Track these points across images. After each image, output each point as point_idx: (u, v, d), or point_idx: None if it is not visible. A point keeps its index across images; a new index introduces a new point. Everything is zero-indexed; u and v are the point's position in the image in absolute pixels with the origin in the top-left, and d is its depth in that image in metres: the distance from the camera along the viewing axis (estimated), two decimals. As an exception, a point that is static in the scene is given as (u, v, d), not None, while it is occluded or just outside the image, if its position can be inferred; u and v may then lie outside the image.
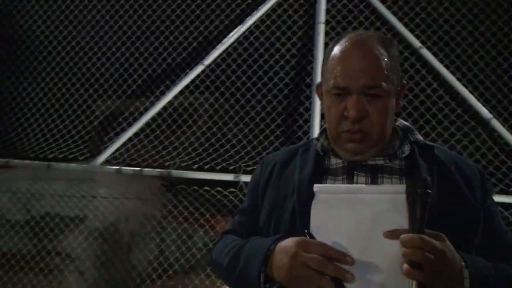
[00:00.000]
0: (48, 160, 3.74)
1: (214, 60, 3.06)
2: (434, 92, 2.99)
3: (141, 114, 3.45)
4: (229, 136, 3.59)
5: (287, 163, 1.18)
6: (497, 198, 2.01)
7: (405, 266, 0.87)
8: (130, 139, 3.18)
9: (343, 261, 0.91)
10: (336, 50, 1.08)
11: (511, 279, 0.99)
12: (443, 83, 2.92)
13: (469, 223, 1.02)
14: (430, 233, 0.90)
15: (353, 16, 3.04)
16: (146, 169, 2.94)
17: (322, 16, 2.88)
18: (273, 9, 3.20)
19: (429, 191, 0.91)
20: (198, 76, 3.18)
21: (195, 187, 3.47)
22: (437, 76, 2.98)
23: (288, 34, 3.19)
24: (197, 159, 3.50)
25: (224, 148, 3.56)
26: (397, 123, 1.18)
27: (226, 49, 3.08)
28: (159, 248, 8.11)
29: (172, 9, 3.65)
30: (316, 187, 1.03)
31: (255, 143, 3.36)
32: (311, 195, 1.02)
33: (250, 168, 3.06)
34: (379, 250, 0.93)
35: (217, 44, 3.10)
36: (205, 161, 3.36)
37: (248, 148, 3.42)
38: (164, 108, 3.31)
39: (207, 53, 3.09)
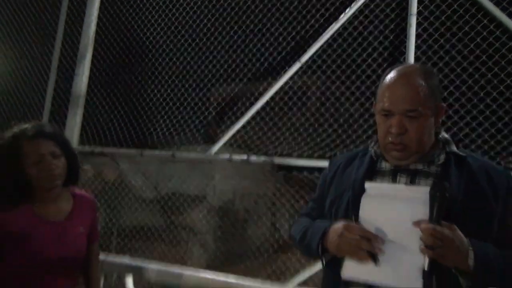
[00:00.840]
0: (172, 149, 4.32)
1: (310, 57, 3.26)
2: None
3: (252, 100, 3.72)
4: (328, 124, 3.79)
5: (349, 164, 1.51)
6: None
7: (422, 246, 1.20)
8: (243, 126, 3.51)
9: (376, 241, 1.26)
10: (387, 79, 1.39)
11: None
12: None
13: (486, 219, 1.27)
14: (445, 224, 1.21)
15: (447, 4, 3.01)
16: (252, 157, 3.31)
17: (414, 8, 2.92)
18: (365, 5, 3.30)
19: (446, 194, 1.20)
20: (295, 72, 3.39)
21: (295, 172, 3.81)
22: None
23: (381, 27, 3.26)
24: (296, 147, 3.81)
25: (322, 137, 3.79)
26: (440, 136, 1.45)
27: (321, 46, 3.26)
28: (272, 224, 8.62)
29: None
30: (367, 184, 1.38)
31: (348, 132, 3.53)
32: (363, 191, 1.37)
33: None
34: (407, 234, 1.25)
35: (313, 42, 3.27)
36: (303, 149, 3.64)
37: (344, 137, 3.62)
38: (276, 93, 3.53)
39: (304, 51, 3.31)
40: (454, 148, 1.41)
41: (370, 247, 1.26)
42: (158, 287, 6.43)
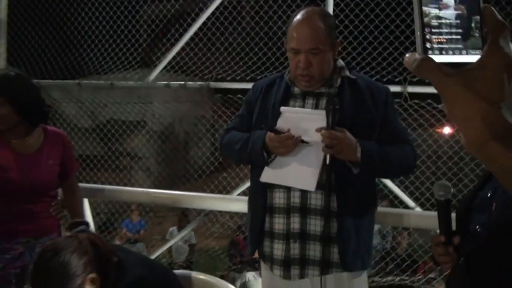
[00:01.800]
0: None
1: None
2: None
3: (186, 21, 3.72)
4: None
5: (269, 88, 1.83)
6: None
7: (323, 146, 1.58)
8: (181, 49, 3.52)
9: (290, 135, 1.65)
10: (293, 22, 1.67)
11: (390, 152, 1.65)
12: None
13: (369, 124, 1.69)
14: (337, 129, 1.59)
15: None
16: (189, 82, 3.43)
17: None
18: None
19: (336, 106, 1.59)
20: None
21: (230, 95, 4.02)
22: None
23: None
24: (230, 71, 3.97)
25: (253, 60, 3.96)
26: (337, 62, 1.78)
27: None
28: (210, 143, 8.91)
29: None
30: (282, 108, 1.73)
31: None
32: (279, 112, 1.73)
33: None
34: (313, 142, 1.63)
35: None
36: (236, 73, 3.82)
37: (273, 59, 3.81)
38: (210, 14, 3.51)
39: None
40: (347, 73, 1.75)
41: (291, 141, 1.65)
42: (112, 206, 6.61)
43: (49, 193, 2.13)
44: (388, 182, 3.10)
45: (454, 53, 0.53)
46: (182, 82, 3.40)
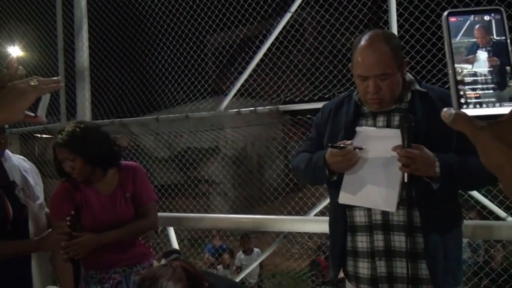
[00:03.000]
0: (185, 104, 4.57)
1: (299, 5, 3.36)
2: None
3: (251, 48, 3.85)
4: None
5: (339, 108, 1.84)
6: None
7: (399, 165, 1.55)
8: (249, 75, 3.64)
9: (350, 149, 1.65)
10: (358, 49, 1.69)
11: (471, 163, 1.54)
12: None
13: (446, 136, 1.60)
14: (414, 146, 1.55)
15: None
16: (259, 108, 3.51)
17: None
18: None
19: (412, 123, 1.55)
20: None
21: (299, 116, 4.06)
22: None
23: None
24: (297, 93, 4.03)
25: (320, 79, 3.98)
26: (405, 77, 1.76)
27: None
28: (284, 164, 8.97)
29: None
30: (358, 128, 1.74)
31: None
32: (353, 130, 1.75)
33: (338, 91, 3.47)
34: (388, 160, 1.63)
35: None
36: (304, 94, 3.86)
37: (340, 76, 3.81)
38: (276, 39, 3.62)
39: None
40: (417, 86, 1.73)
41: (351, 156, 1.65)
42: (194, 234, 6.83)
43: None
44: (474, 192, 2.95)
45: (488, 106, 0.58)
46: (252, 108, 3.49)
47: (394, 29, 2.92)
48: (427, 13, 3.34)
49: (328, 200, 3.16)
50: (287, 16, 3.39)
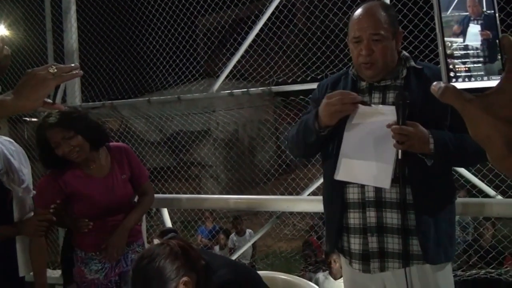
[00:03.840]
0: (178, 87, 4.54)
1: None
2: None
3: (242, 29, 3.82)
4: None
5: (336, 85, 1.84)
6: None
7: (394, 142, 1.56)
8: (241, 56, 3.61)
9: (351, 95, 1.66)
10: (354, 14, 1.71)
11: (465, 139, 1.55)
12: None
13: (440, 113, 1.62)
14: (409, 123, 1.55)
15: None
16: (251, 89, 3.49)
17: None
18: None
19: (407, 101, 1.55)
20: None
21: (292, 97, 4.06)
22: None
23: None
24: (290, 73, 4.02)
25: (312, 60, 3.96)
26: (401, 54, 1.76)
27: None
28: (276, 146, 8.98)
29: None
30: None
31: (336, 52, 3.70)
32: None
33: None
34: (383, 137, 1.62)
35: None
36: (296, 74, 3.86)
37: (332, 57, 3.80)
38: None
39: None
40: (412, 63, 1.73)
41: (350, 99, 1.65)
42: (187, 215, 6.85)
43: (131, 203, 2.35)
44: (464, 171, 2.98)
45: (476, 80, 0.59)
46: (245, 90, 3.48)
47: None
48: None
49: (320, 181, 3.20)
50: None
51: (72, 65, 1.21)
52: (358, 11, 1.70)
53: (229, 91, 3.61)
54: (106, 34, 5.08)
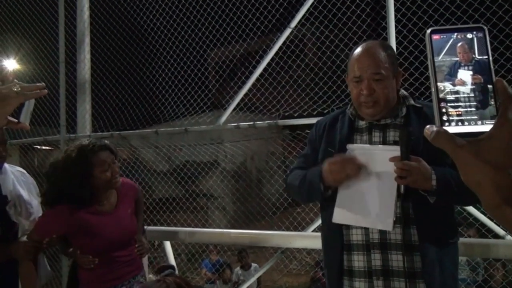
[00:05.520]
0: (185, 118, 4.58)
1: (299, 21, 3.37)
2: None
3: (251, 63, 3.88)
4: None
5: (333, 125, 1.85)
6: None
7: (396, 177, 1.55)
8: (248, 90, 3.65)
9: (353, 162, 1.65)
10: (354, 53, 1.73)
11: None
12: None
13: (442, 153, 1.50)
14: (412, 158, 1.55)
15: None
16: (258, 122, 3.51)
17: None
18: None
19: (410, 137, 1.55)
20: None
21: (298, 131, 4.07)
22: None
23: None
24: (296, 107, 4.04)
25: (319, 94, 4.00)
26: (400, 93, 1.78)
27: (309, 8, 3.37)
28: (284, 180, 8.94)
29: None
30: (349, 146, 1.72)
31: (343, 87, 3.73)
32: (345, 149, 1.72)
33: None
34: (382, 177, 1.62)
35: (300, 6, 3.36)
36: (303, 108, 3.87)
37: (339, 92, 3.82)
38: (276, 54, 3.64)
39: (292, 16, 3.43)
40: (412, 102, 1.74)
41: (352, 163, 1.65)
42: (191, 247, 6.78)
43: (134, 237, 2.36)
44: (472, 210, 2.93)
45: (469, 124, 0.59)
46: (251, 123, 3.50)
47: (393, 46, 2.94)
48: (425, 30, 3.37)
49: (315, 225, 3.16)
50: (287, 32, 3.42)
51: (38, 84, 1.21)
52: (358, 51, 1.71)
53: (236, 124, 3.63)
54: (117, 65, 5.17)
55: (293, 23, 3.38)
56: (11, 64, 5.53)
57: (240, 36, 4.56)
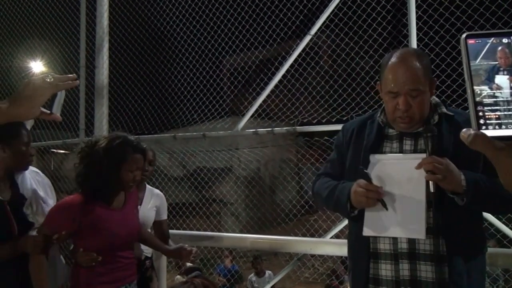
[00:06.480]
0: (203, 123, 4.61)
1: (319, 28, 3.36)
2: None
3: (270, 70, 3.88)
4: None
5: (361, 130, 1.80)
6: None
7: (426, 175, 1.51)
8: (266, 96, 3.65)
9: (378, 190, 1.61)
10: (389, 65, 1.66)
11: (497, 183, 1.46)
12: None
13: (472, 160, 1.55)
14: (437, 157, 1.51)
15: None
16: (276, 129, 3.50)
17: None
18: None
19: (435, 133, 1.55)
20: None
21: (317, 138, 4.06)
22: None
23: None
24: (315, 114, 4.03)
25: (338, 101, 3.99)
26: (432, 100, 1.72)
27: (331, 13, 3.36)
28: (299, 186, 8.90)
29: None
30: (372, 157, 1.69)
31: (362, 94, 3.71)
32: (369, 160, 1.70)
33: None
34: (411, 185, 1.59)
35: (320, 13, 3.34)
36: (321, 115, 3.86)
37: (358, 99, 3.80)
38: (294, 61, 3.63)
39: (312, 22, 3.42)
40: (444, 109, 1.70)
41: (375, 195, 1.60)
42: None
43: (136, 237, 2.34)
44: (494, 220, 2.88)
45: (507, 127, 0.59)
46: (270, 129, 3.49)
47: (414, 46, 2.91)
48: (447, 38, 3.34)
49: (344, 223, 3.13)
50: (307, 38, 3.41)
51: (69, 75, 1.22)
52: (393, 62, 1.64)
53: (254, 130, 3.63)
54: (135, 71, 5.23)
55: (313, 30, 3.38)
56: (38, 66, 5.64)
57: (260, 42, 4.58)
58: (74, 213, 2.06)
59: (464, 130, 0.60)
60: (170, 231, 2.81)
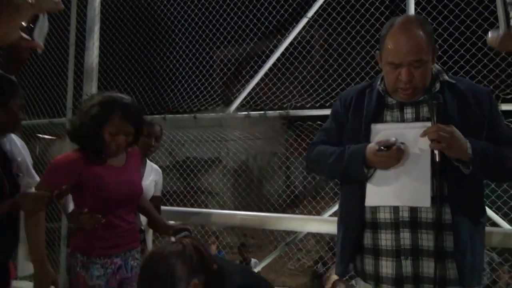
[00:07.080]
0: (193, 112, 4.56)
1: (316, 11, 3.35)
2: None
3: (262, 58, 3.85)
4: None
5: (360, 99, 1.75)
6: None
7: (430, 144, 1.50)
8: (256, 84, 3.64)
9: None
10: (390, 33, 1.60)
11: (503, 152, 1.53)
12: None
13: (476, 127, 1.58)
14: (443, 125, 1.49)
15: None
16: (268, 111, 3.49)
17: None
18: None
19: (440, 101, 1.52)
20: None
21: (309, 122, 4.04)
22: None
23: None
24: (309, 99, 4.02)
25: (332, 87, 3.99)
26: (433, 68, 1.67)
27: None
28: (287, 178, 8.89)
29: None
30: (373, 126, 1.66)
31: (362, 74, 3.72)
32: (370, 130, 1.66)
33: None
34: (415, 153, 1.58)
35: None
36: (316, 99, 3.85)
37: (353, 84, 3.80)
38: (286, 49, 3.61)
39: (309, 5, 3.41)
40: (446, 77, 1.66)
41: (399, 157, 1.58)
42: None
43: (136, 202, 2.28)
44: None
45: None
46: (262, 112, 3.48)
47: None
48: (445, 25, 3.34)
49: (334, 209, 3.12)
50: (303, 21, 3.40)
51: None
52: (395, 31, 1.58)
53: (246, 113, 3.62)
54: (126, 54, 5.16)
55: (310, 13, 3.37)
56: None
57: (247, 35, 4.53)
58: (74, 165, 2.03)
59: (490, 32, 0.58)
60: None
